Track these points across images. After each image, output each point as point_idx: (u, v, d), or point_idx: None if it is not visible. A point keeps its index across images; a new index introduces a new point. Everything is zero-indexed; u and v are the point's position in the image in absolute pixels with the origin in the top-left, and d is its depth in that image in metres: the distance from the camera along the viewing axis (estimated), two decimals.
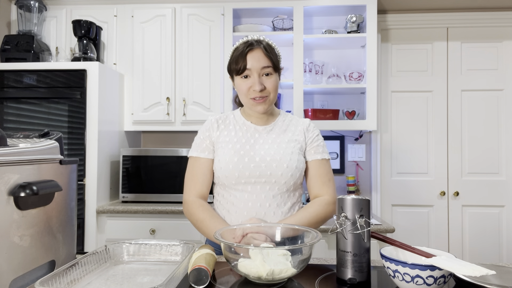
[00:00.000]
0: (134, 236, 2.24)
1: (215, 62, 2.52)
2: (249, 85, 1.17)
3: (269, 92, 1.18)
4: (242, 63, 1.16)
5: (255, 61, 1.16)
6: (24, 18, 2.53)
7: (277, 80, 1.21)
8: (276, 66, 1.20)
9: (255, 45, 1.18)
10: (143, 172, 2.42)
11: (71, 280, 0.79)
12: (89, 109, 2.25)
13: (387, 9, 2.75)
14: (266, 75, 1.18)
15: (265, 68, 1.17)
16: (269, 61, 1.17)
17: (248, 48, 1.17)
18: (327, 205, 1.19)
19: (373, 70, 2.43)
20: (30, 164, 0.83)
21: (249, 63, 1.16)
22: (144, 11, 2.57)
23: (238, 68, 1.17)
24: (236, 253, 0.84)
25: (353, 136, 2.79)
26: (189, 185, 1.23)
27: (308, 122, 1.29)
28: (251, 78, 1.17)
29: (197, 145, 1.26)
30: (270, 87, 1.18)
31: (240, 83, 1.19)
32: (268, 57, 1.17)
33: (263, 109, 1.20)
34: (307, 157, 1.25)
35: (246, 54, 1.17)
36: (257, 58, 1.16)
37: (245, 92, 1.19)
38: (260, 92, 1.16)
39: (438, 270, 0.74)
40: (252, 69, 1.16)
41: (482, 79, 2.76)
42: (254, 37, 1.22)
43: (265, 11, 2.61)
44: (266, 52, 1.17)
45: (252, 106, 1.20)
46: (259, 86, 1.15)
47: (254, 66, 1.16)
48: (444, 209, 2.75)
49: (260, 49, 1.18)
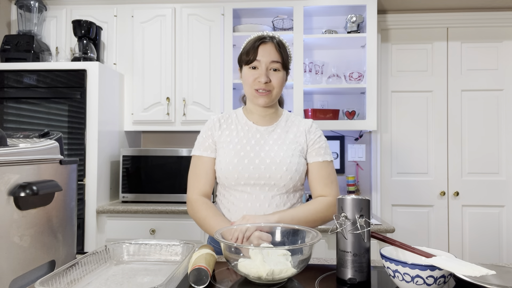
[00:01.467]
0: (134, 236, 2.24)
1: (215, 62, 2.52)
2: (255, 76, 1.18)
3: (273, 87, 1.19)
4: (253, 54, 1.18)
5: (266, 54, 1.17)
6: (24, 18, 2.53)
7: (284, 77, 1.21)
8: (285, 64, 1.20)
9: (268, 39, 1.20)
10: (143, 172, 2.42)
11: (71, 280, 0.79)
12: (89, 109, 2.25)
13: (387, 9, 2.75)
14: (274, 70, 1.18)
15: (274, 62, 1.18)
16: (279, 56, 1.18)
17: (261, 41, 1.19)
18: (328, 206, 1.17)
19: (373, 70, 2.43)
20: (30, 164, 0.83)
21: (259, 55, 1.17)
22: (144, 11, 2.57)
23: (248, 59, 1.19)
24: (236, 253, 0.84)
25: (353, 136, 2.79)
26: (192, 183, 1.24)
27: (310, 123, 1.28)
28: (258, 69, 1.18)
29: (200, 144, 1.26)
30: (276, 82, 1.18)
31: (247, 73, 1.20)
32: (279, 53, 1.18)
33: (264, 102, 1.20)
34: (308, 159, 1.23)
35: (258, 46, 1.18)
36: (268, 51, 1.18)
37: (250, 82, 1.19)
38: (264, 84, 1.17)
39: (438, 270, 0.74)
40: (261, 61, 1.17)
41: (482, 79, 2.76)
42: (269, 33, 1.23)
43: (265, 11, 2.61)
44: (278, 47, 1.19)
45: (254, 98, 1.20)
46: (265, 78, 1.16)
47: (264, 58, 1.17)
48: (444, 209, 2.75)
49: (272, 43, 1.19)
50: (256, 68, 1.18)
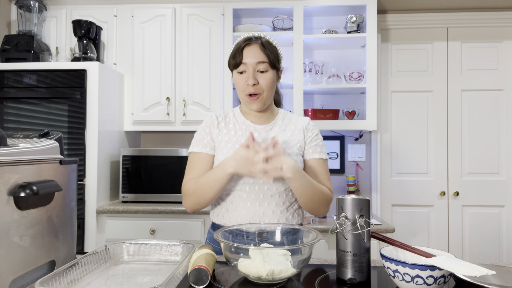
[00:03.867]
0: (134, 236, 2.24)
1: (215, 62, 2.52)
2: (244, 80, 1.18)
3: (262, 90, 1.18)
4: (239, 57, 1.18)
5: (251, 56, 1.17)
6: (24, 18, 2.53)
7: (273, 77, 1.20)
8: (273, 63, 1.19)
9: (253, 40, 1.19)
10: (143, 172, 2.42)
11: (71, 280, 0.79)
12: (89, 109, 2.25)
13: (387, 9, 2.75)
14: (261, 72, 1.18)
15: (260, 63, 1.17)
16: (265, 56, 1.17)
17: (246, 43, 1.18)
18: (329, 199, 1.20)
19: (373, 70, 2.43)
20: (30, 164, 0.83)
21: (244, 58, 1.17)
22: (144, 11, 2.57)
23: (235, 63, 1.19)
24: (236, 253, 0.84)
25: (353, 136, 2.79)
26: (188, 175, 1.23)
27: (307, 121, 1.28)
28: (246, 73, 1.18)
29: (198, 140, 1.25)
30: (264, 83, 1.18)
31: (237, 79, 1.21)
32: (265, 53, 1.18)
33: (256, 107, 1.20)
34: (306, 155, 1.24)
35: (243, 48, 1.18)
36: (252, 52, 1.17)
37: (242, 87, 1.19)
38: (253, 86, 1.16)
39: (438, 270, 0.74)
40: (247, 64, 1.17)
41: (482, 79, 2.76)
42: (256, 34, 1.23)
43: (265, 11, 2.61)
44: (263, 47, 1.18)
45: (247, 103, 1.21)
46: (252, 80, 1.16)
47: (250, 60, 1.17)
48: (444, 209, 2.75)
49: (257, 44, 1.18)
50: (244, 72, 1.18)
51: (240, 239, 1.05)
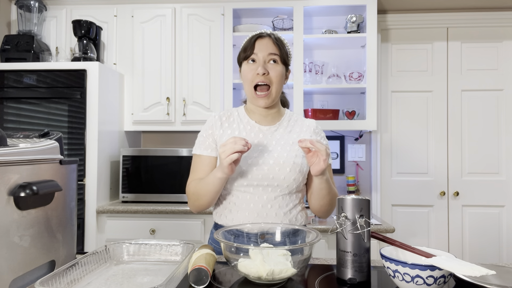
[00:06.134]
0: (134, 236, 2.24)
1: (215, 62, 2.52)
2: (254, 69, 1.17)
3: (272, 82, 1.17)
4: (250, 49, 1.18)
5: (263, 48, 1.17)
6: (24, 18, 2.53)
7: (283, 72, 1.19)
8: (284, 58, 1.20)
9: (265, 35, 1.20)
10: (143, 172, 2.42)
11: (71, 280, 0.79)
12: (89, 109, 2.25)
13: (387, 9, 2.75)
14: (273, 61, 1.18)
15: (271, 54, 1.17)
16: (277, 49, 1.18)
17: (258, 37, 1.19)
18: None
19: (373, 70, 2.43)
20: (30, 164, 0.83)
21: (256, 49, 1.18)
22: (144, 11, 2.57)
23: (246, 55, 1.19)
24: (236, 253, 0.84)
25: (353, 136, 2.79)
26: (190, 177, 1.24)
27: (314, 124, 1.27)
28: (256, 63, 1.18)
29: (200, 142, 1.25)
30: (274, 75, 1.17)
31: (245, 69, 1.20)
32: (276, 46, 1.18)
33: (264, 104, 1.19)
34: None
35: (254, 41, 1.18)
36: (264, 45, 1.18)
37: (249, 78, 1.18)
38: (263, 76, 1.15)
39: (438, 270, 0.74)
40: (258, 54, 1.17)
41: (482, 79, 2.76)
42: (267, 30, 1.23)
43: (265, 11, 2.61)
44: (275, 41, 1.19)
45: (254, 99, 1.19)
46: (263, 70, 1.15)
47: (261, 52, 1.17)
48: (444, 209, 2.75)
49: (269, 38, 1.19)
50: (254, 62, 1.18)
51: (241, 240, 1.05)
